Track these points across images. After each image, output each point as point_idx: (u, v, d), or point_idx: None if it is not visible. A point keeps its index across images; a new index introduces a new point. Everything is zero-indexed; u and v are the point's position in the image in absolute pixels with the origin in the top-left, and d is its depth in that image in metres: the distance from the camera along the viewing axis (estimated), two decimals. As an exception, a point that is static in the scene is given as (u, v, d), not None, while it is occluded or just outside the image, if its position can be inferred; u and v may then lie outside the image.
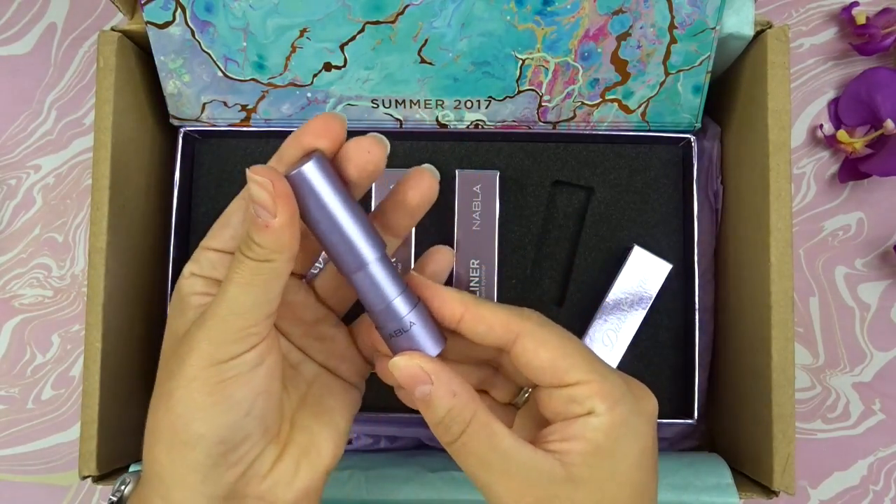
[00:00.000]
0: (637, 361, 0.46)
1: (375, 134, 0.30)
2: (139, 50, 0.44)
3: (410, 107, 0.44)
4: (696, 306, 0.45)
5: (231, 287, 0.28)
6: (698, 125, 0.45)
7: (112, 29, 0.43)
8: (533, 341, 0.30)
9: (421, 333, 0.30)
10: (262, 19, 0.41)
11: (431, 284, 0.31)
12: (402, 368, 0.29)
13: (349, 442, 0.48)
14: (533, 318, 0.31)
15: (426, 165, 0.33)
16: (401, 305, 0.30)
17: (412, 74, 0.43)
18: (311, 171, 0.28)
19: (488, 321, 0.30)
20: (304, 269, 0.34)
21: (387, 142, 0.30)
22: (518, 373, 0.32)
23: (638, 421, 0.30)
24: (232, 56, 0.43)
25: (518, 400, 0.34)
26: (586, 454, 0.29)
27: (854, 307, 0.52)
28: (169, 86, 0.44)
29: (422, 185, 0.32)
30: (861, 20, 0.52)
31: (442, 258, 0.35)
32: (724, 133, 0.48)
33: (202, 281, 0.31)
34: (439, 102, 0.44)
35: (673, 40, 0.42)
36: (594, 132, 0.45)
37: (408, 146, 0.47)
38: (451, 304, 0.31)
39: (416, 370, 0.29)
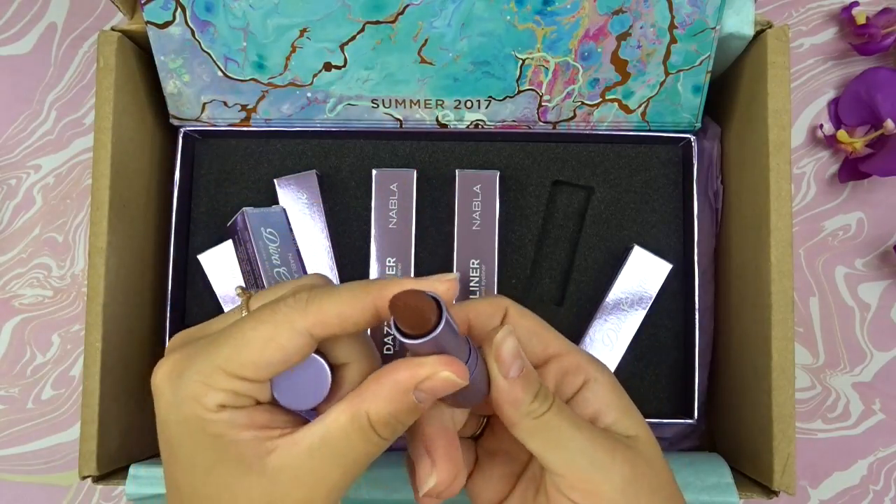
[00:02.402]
0: (637, 361, 0.46)
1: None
2: (139, 50, 0.44)
3: (410, 107, 0.44)
4: (696, 306, 0.45)
5: (351, 466, 0.27)
6: (698, 125, 0.45)
7: (112, 29, 0.43)
8: (517, 311, 0.32)
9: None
10: (262, 19, 0.41)
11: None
12: (506, 341, 0.29)
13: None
14: (506, 297, 0.32)
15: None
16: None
17: (412, 74, 0.43)
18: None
19: (479, 308, 0.31)
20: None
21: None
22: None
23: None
24: (232, 56, 0.43)
25: (477, 433, 0.35)
26: (617, 418, 0.31)
27: (854, 307, 0.52)
28: (169, 86, 0.44)
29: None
30: (861, 20, 0.52)
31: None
32: (724, 133, 0.48)
33: (241, 413, 0.27)
34: (439, 102, 0.44)
35: (673, 40, 0.42)
36: (594, 132, 0.45)
37: (408, 146, 0.47)
38: (458, 315, 0.31)
39: (517, 344, 0.29)
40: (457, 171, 0.44)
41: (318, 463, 0.27)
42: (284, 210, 0.45)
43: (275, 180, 0.45)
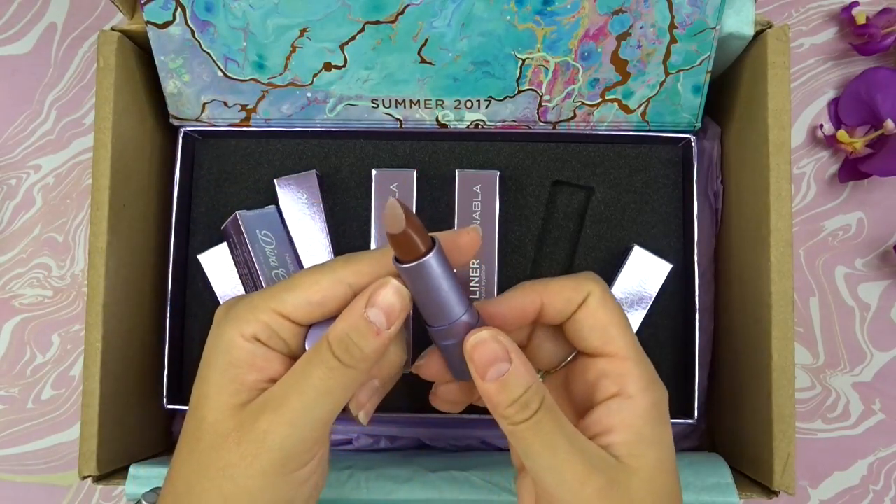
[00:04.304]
0: (637, 361, 0.46)
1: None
2: (139, 50, 0.44)
3: (410, 107, 0.44)
4: (696, 306, 0.45)
5: (311, 392, 0.28)
6: (698, 125, 0.45)
7: (112, 29, 0.43)
8: (597, 301, 0.31)
9: None
10: (262, 19, 0.41)
11: (497, 299, 0.32)
12: (485, 343, 0.29)
13: (349, 442, 0.48)
14: (599, 280, 0.32)
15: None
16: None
17: (412, 74, 0.43)
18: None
19: (558, 289, 0.31)
20: None
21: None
22: (551, 342, 0.34)
23: (665, 409, 0.31)
24: (232, 56, 0.43)
25: None
26: (631, 444, 0.30)
27: (854, 307, 0.52)
28: (169, 86, 0.44)
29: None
30: (861, 20, 0.52)
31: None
32: (724, 133, 0.48)
33: (264, 352, 0.30)
34: (439, 102, 0.44)
35: (673, 40, 0.42)
36: (594, 132, 0.45)
37: (408, 146, 0.47)
38: (528, 297, 0.31)
39: (499, 348, 0.29)
40: (457, 171, 0.44)
41: (280, 390, 0.29)
42: (278, 210, 0.45)
43: (275, 180, 0.45)
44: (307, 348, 0.30)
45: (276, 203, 0.45)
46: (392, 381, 0.33)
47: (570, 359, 0.34)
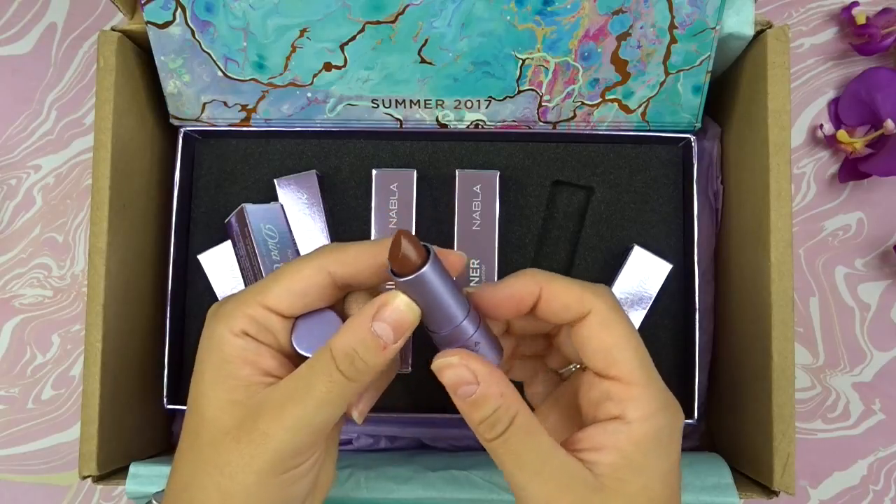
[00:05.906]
0: (637, 361, 0.46)
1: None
2: (139, 50, 0.44)
3: (410, 107, 0.44)
4: (696, 306, 0.45)
5: (312, 402, 0.29)
6: (698, 125, 0.45)
7: (112, 29, 0.43)
8: (599, 321, 0.30)
9: (484, 351, 0.31)
10: (262, 19, 0.41)
11: (496, 285, 0.31)
12: (452, 367, 0.29)
13: (349, 442, 0.48)
14: (607, 298, 0.31)
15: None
16: (469, 329, 0.30)
17: (412, 74, 0.43)
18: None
19: (563, 298, 0.30)
20: None
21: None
22: (569, 348, 0.33)
23: (669, 437, 0.30)
24: (232, 56, 0.43)
25: (565, 371, 0.35)
26: (617, 466, 0.29)
27: (854, 307, 0.52)
28: (169, 86, 0.44)
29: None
30: (861, 20, 0.52)
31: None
32: (724, 133, 0.48)
33: (255, 347, 0.30)
34: (439, 102, 0.44)
35: (673, 40, 0.42)
36: (594, 132, 0.45)
37: (408, 146, 0.47)
38: (527, 287, 0.31)
39: (465, 372, 0.29)
40: (457, 171, 0.44)
41: (282, 395, 0.29)
42: (282, 206, 0.45)
43: (275, 180, 0.45)
44: (293, 342, 0.31)
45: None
46: (386, 382, 0.34)
47: (580, 366, 0.34)
